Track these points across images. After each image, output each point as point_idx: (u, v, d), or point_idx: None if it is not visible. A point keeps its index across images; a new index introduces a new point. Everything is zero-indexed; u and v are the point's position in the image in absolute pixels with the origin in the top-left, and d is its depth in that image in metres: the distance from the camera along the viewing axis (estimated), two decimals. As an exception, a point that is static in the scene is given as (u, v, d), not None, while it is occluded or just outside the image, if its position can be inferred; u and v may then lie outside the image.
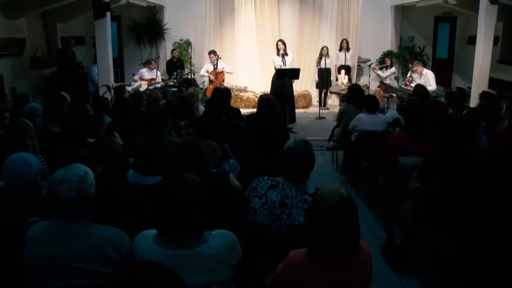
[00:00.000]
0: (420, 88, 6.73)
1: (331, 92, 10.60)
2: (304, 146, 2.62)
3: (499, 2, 8.11)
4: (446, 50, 13.59)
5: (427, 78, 8.85)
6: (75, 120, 4.15)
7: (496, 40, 11.90)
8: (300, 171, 2.62)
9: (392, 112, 6.61)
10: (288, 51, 9.76)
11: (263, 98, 4.88)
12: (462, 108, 6.25)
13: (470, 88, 12.04)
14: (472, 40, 13.20)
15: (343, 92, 9.07)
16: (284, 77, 8.88)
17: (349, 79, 10.92)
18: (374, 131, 5.72)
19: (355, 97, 6.50)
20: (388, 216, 4.66)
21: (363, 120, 5.79)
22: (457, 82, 13.45)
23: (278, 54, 9.56)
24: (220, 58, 10.23)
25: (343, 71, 10.38)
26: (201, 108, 6.42)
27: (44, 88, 9.10)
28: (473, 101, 7.82)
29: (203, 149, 2.73)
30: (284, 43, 9.49)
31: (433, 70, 10.42)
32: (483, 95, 5.70)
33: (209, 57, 10.20)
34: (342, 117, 6.62)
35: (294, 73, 9.04)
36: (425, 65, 11.13)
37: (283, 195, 2.61)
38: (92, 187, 2.00)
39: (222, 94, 5.47)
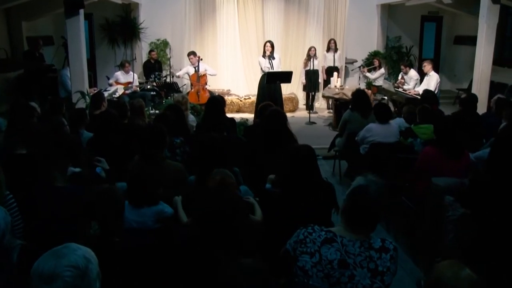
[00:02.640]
0: (429, 94, 6.24)
1: (324, 97, 10.04)
2: (378, 188, 1.99)
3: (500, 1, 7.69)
4: (432, 50, 13.25)
5: (431, 80, 8.37)
6: (47, 140, 3.39)
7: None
8: (369, 221, 2.00)
9: (398, 121, 6.06)
10: (274, 53, 9.11)
11: (272, 110, 4.22)
12: (477, 115, 5.80)
13: (459, 90, 11.81)
14: (458, 40, 12.97)
15: (337, 96, 8.51)
16: (276, 81, 8.25)
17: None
18: (387, 143, 5.17)
19: (360, 104, 5.93)
20: (417, 244, 4.09)
21: (375, 131, 5.22)
22: (444, 83, 13.12)
23: (264, 56, 8.88)
24: (202, 59, 9.51)
25: (335, 74, 9.81)
26: (191, 118, 5.72)
27: (9, 94, 8.20)
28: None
29: (237, 194, 2.07)
30: (272, 45, 8.85)
31: (419, 71, 10.04)
32: (505, 104, 5.21)
33: (189, 59, 9.48)
34: (346, 125, 6.05)
35: (285, 76, 8.41)
36: (412, 66, 10.75)
37: (343, 252, 1.97)
38: (97, 283, 1.31)
39: (219, 104, 4.81)
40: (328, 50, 10.68)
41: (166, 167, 3.25)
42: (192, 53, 9.50)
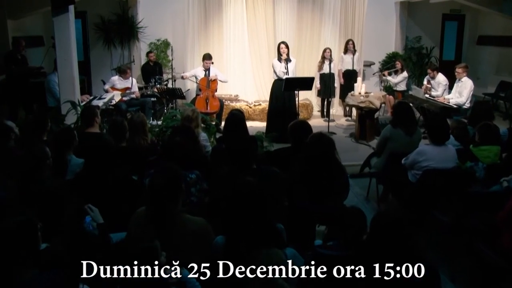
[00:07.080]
0: (484, 107, 5.35)
1: (348, 105, 9.06)
2: None
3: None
4: (453, 51, 12.32)
5: (463, 87, 7.43)
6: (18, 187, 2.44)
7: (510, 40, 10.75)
8: None
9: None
10: (290, 55, 8.11)
11: (317, 135, 3.29)
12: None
13: (485, 94, 10.88)
14: (482, 40, 12.04)
15: (363, 105, 7.54)
16: (295, 88, 7.28)
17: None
18: (444, 169, 4.23)
19: (403, 119, 4.99)
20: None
21: (430, 154, 4.27)
22: (466, 87, 12.23)
23: (279, 59, 7.85)
24: (213, 63, 8.52)
25: (359, 79, 8.81)
26: (203, 136, 4.74)
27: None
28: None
29: None
30: (287, 46, 7.83)
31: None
32: None
33: (204, 63, 8.41)
34: (386, 144, 5.11)
35: (306, 83, 7.43)
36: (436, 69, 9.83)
37: None
38: None
39: (242, 123, 3.86)
40: (346, 51, 9.72)
41: (184, 226, 2.28)
42: (208, 57, 8.46)
